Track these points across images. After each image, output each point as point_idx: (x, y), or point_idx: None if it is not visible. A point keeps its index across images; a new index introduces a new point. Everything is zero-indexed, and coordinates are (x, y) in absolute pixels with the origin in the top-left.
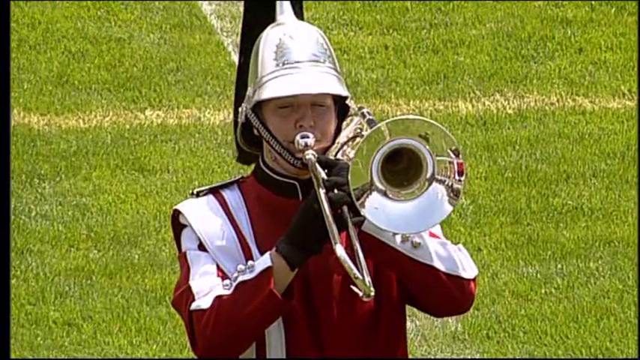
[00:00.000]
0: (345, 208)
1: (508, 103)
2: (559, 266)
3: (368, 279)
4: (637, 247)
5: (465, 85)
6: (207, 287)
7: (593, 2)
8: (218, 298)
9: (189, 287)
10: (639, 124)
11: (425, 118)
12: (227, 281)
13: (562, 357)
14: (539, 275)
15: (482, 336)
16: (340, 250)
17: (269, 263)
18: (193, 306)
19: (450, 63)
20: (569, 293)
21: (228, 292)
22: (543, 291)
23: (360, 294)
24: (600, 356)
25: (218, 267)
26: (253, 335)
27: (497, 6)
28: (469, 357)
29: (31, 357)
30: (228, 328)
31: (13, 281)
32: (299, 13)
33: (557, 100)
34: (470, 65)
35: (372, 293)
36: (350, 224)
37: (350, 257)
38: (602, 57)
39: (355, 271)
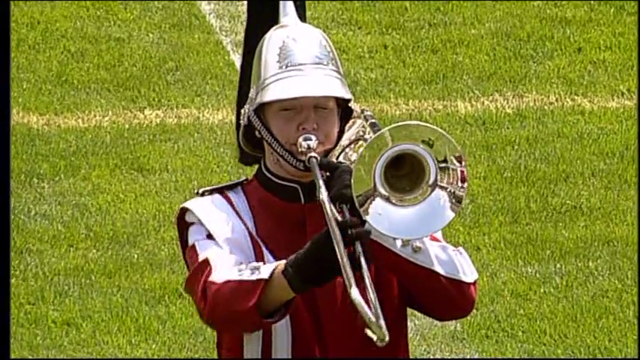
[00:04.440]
0: (359, 246)
1: (507, 103)
2: (558, 266)
3: (382, 322)
4: (636, 246)
5: (463, 84)
6: (223, 259)
7: (592, 2)
8: (226, 282)
9: (206, 260)
10: (639, 124)
11: (428, 124)
12: (243, 266)
13: (561, 356)
14: (538, 275)
15: (481, 335)
16: (355, 294)
17: (266, 276)
18: (210, 278)
19: (449, 63)
20: (568, 293)
21: (235, 279)
22: (542, 290)
23: (374, 338)
24: (599, 356)
25: None
26: (246, 328)
27: (497, 6)
28: (468, 356)
29: (30, 357)
30: (224, 314)
31: (12, 281)
32: (302, 16)
33: (556, 100)
34: (469, 65)
35: (387, 338)
36: (364, 263)
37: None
38: (601, 57)
39: (370, 315)
